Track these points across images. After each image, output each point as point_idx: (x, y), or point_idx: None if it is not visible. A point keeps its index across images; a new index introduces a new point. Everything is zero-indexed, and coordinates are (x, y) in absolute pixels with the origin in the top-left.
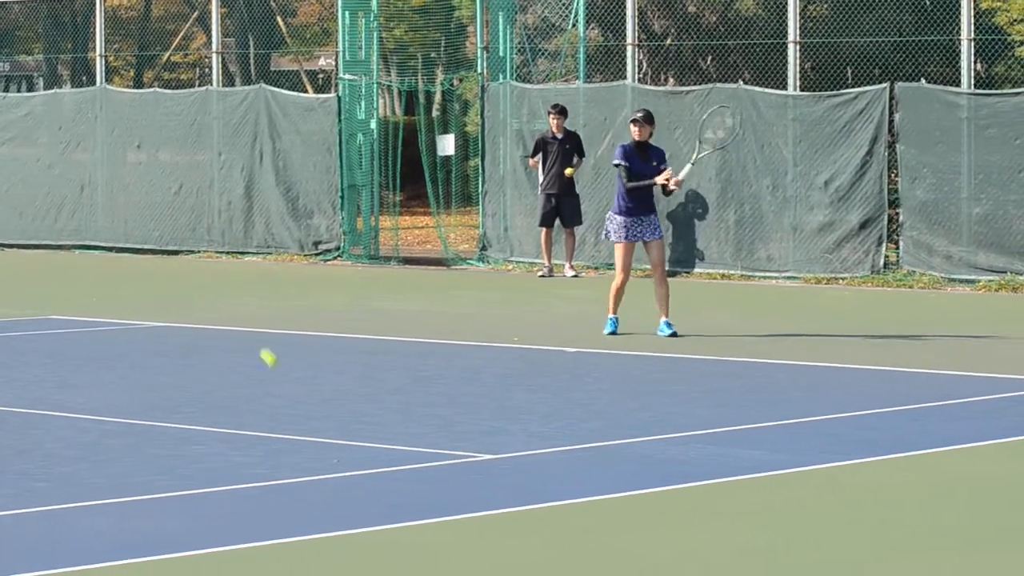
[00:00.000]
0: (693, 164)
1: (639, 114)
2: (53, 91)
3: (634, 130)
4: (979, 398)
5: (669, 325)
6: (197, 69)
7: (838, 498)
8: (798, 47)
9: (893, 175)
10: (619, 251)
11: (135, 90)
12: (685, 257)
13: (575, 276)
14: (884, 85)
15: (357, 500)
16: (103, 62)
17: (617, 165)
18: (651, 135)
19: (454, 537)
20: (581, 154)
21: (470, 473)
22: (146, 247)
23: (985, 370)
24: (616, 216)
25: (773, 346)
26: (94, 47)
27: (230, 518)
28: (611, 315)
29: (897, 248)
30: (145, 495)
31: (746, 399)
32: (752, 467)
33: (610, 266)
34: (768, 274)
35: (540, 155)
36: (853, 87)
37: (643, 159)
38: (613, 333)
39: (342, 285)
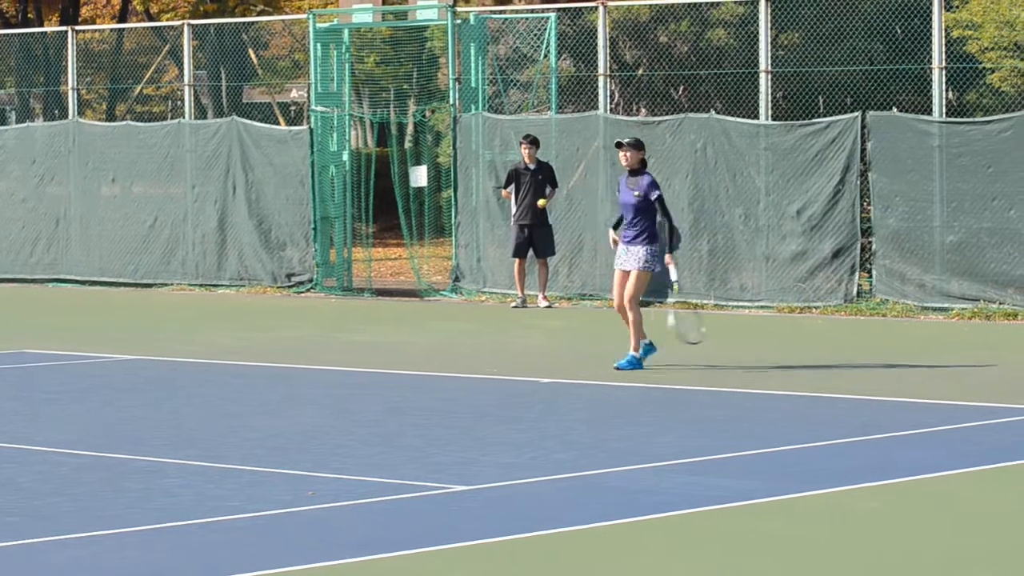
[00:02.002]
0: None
1: (625, 139)
2: (25, 124)
3: (620, 155)
4: (952, 426)
5: (630, 360)
6: (169, 102)
7: (814, 526)
8: (770, 76)
9: (865, 204)
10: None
11: (107, 123)
12: (658, 287)
13: (548, 307)
14: (856, 114)
15: (332, 532)
16: (75, 95)
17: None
18: (642, 163)
19: (429, 568)
20: (554, 184)
21: (445, 504)
22: (121, 281)
23: (957, 398)
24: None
25: (747, 375)
26: (66, 80)
27: (204, 551)
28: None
29: (870, 277)
30: (119, 528)
31: (720, 428)
32: (727, 496)
33: (583, 296)
34: (741, 303)
35: (512, 186)
36: (825, 116)
37: (629, 187)
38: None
39: (315, 317)
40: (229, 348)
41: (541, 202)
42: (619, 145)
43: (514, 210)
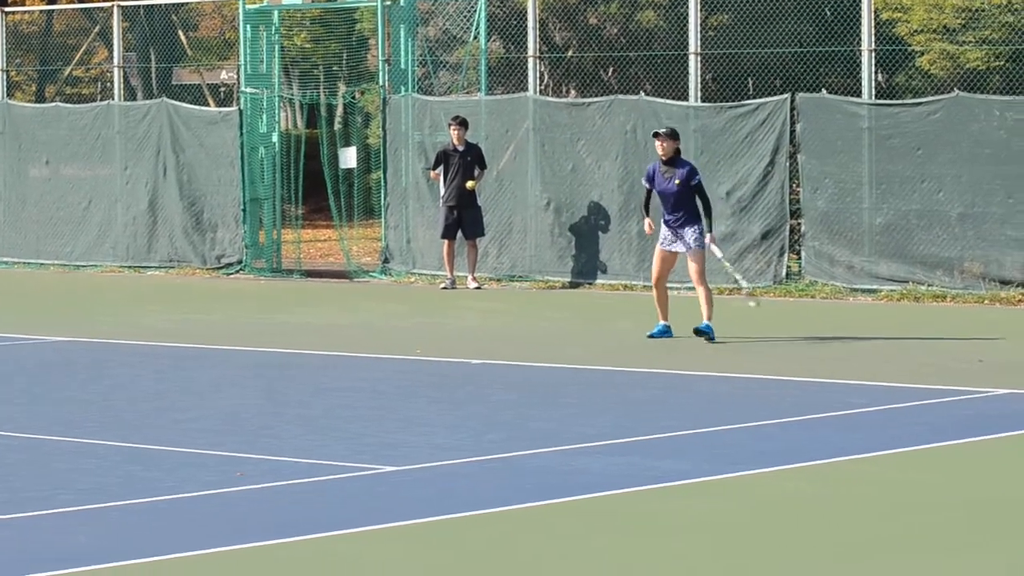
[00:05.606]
0: (728, 265)
1: (662, 129)
2: None
3: (656, 144)
4: (879, 408)
5: (706, 327)
6: (99, 83)
7: (742, 507)
8: (699, 58)
9: (795, 185)
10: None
11: (37, 105)
12: (588, 269)
13: (478, 288)
14: (785, 96)
15: (260, 513)
16: (5, 77)
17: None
18: (677, 151)
19: (359, 549)
20: (483, 166)
21: (374, 485)
22: (57, 263)
23: (885, 380)
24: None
25: (675, 356)
26: None
27: (133, 532)
28: (659, 321)
29: (799, 258)
30: (47, 510)
31: (649, 409)
32: (656, 477)
33: (512, 278)
34: (671, 285)
35: (441, 167)
36: (754, 98)
37: (665, 177)
38: (652, 336)
39: (244, 299)
40: (158, 330)
41: (470, 184)
42: (656, 135)
43: (443, 191)
